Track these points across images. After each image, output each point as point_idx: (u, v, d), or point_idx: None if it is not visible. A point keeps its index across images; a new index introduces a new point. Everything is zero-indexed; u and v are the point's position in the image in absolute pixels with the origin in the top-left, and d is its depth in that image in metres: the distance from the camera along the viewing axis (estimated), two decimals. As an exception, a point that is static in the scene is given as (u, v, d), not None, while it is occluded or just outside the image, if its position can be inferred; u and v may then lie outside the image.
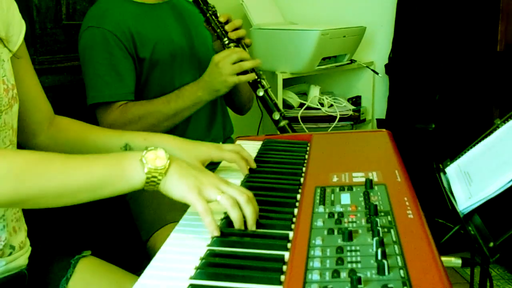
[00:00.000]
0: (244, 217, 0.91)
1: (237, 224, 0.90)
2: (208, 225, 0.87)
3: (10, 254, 1.06)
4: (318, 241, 0.81)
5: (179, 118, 1.62)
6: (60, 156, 0.92)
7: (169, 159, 0.92)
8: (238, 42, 1.63)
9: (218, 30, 1.63)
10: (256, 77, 1.62)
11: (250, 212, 0.91)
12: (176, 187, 0.91)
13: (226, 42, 1.62)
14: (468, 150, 1.28)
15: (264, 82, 1.63)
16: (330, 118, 2.51)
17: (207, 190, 0.91)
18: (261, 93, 1.62)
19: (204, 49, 1.76)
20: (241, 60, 1.58)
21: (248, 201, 0.92)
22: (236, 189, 0.94)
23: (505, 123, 1.24)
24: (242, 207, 0.91)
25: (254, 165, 1.21)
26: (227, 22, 1.63)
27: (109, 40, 1.59)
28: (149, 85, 1.68)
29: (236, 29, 1.63)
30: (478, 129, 1.34)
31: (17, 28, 1.12)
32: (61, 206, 0.93)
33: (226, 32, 1.62)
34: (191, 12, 1.76)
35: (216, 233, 0.87)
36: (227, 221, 0.93)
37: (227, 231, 0.90)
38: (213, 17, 1.63)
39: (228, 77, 1.56)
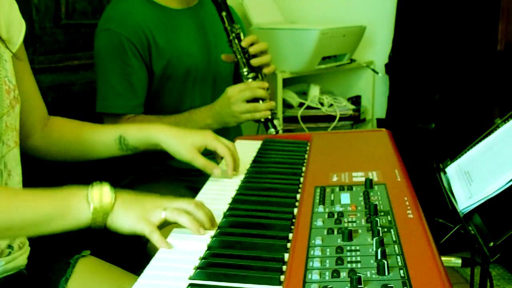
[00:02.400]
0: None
1: (193, 228, 0.90)
2: (157, 243, 0.88)
3: (9, 254, 1.06)
4: (318, 241, 0.81)
5: None
6: (6, 190, 0.94)
7: (115, 194, 0.93)
8: (258, 71, 1.58)
9: (239, 56, 1.58)
10: (270, 117, 1.57)
11: (201, 215, 0.92)
12: (123, 221, 0.92)
13: (245, 73, 1.58)
14: (468, 149, 1.28)
15: (276, 123, 1.59)
16: (330, 118, 2.51)
17: (151, 214, 0.92)
18: (272, 133, 1.58)
19: (221, 65, 1.71)
20: (255, 98, 1.54)
21: (197, 207, 0.93)
22: (182, 201, 0.95)
23: (505, 122, 1.24)
24: (193, 214, 0.92)
25: (237, 172, 1.20)
26: (250, 46, 1.58)
27: (125, 47, 1.55)
28: (158, 98, 1.64)
29: (259, 53, 1.58)
30: (478, 129, 1.34)
31: (17, 28, 1.11)
32: (10, 238, 0.96)
33: (247, 60, 1.57)
34: (215, 20, 1.64)
35: (165, 246, 0.87)
36: (227, 221, 0.93)
37: (226, 231, 0.90)
38: (236, 40, 1.58)
39: (239, 115, 1.53)
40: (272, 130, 1.58)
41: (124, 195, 0.94)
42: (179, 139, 1.19)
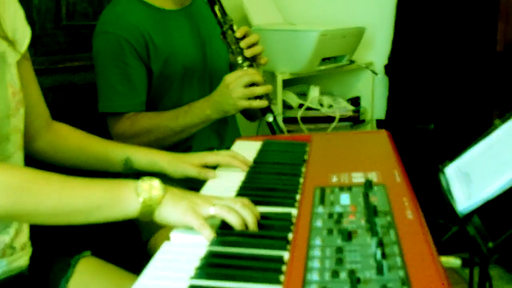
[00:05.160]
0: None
1: (239, 228, 0.91)
2: (206, 236, 0.89)
3: (11, 254, 1.06)
4: (318, 242, 0.81)
5: (186, 134, 1.61)
6: (58, 176, 0.93)
7: (164, 189, 0.94)
8: (253, 60, 1.59)
9: (233, 47, 1.58)
10: (267, 104, 1.58)
11: (248, 214, 0.92)
12: (172, 214, 0.93)
13: (240, 61, 1.58)
14: (468, 150, 1.29)
15: (274, 108, 1.59)
16: (329, 119, 2.51)
17: (201, 207, 0.93)
18: (270, 118, 1.58)
19: (217, 62, 1.73)
20: (253, 83, 1.55)
21: (244, 206, 0.93)
22: (229, 199, 0.96)
23: (504, 123, 1.24)
24: (240, 212, 0.92)
25: (247, 167, 1.23)
26: (243, 37, 1.59)
27: (124, 48, 1.56)
28: (158, 98, 1.65)
29: (252, 45, 1.59)
30: (477, 129, 1.34)
31: (22, 35, 1.13)
32: (56, 224, 0.95)
33: (241, 50, 1.58)
34: (208, 19, 1.67)
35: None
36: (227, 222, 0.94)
37: (226, 231, 0.91)
38: (230, 31, 1.58)
39: (238, 100, 1.53)
40: (270, 116, 1.58)
41: (173, 190, 0.96)
42: (176, 161, 1.25)
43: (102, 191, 0.93)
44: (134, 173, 1.28)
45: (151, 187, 0.93)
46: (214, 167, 1.27)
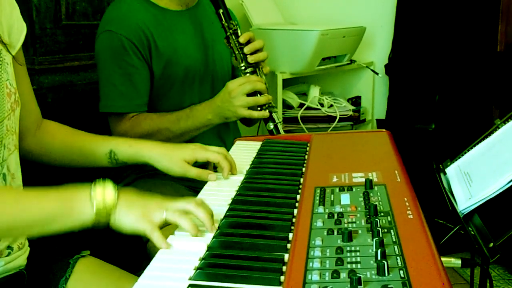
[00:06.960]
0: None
1: (192, 231, 0.91)
2: (157, 242, 0.88)
3: (9, 254, 1.06)
4: (318, 242, 0.81)
5: (188, 137, 1.61)
6: (11, 191, 0.94)
7: (117, 193, 0.93)
8: (256, 66, 1.59)
9: (237, 52, 1.59)
10: (268, 115, 1.58)
11: (203, 214, 0.92)
12: (125, 220, 0.92)
13: (243, 68, 1.58)
14: (468, 150, 1.28)
15: (275, 116, 1.59)
16: (330, 119, 2.51)
17: (153, 214, 0.93)
18: (271, 126, 1.59)
19: (219, 64, 1.72)
20: (255, 91, 1.55)
21: (197, 206, 0.93)
22: (182, 200, 0.95)
23: (505, 123, 1.24)
24: (194, 213, 0.93)
25: (236, 172, 1.22)
26: (248, 43, 1.59)
27: (126, 48, 1.55)
28: (159, 99, 1.65)
29: (256, 51, 1.59)
30: (478, 129, 1.34)
31: (18, 31, 1.12)
32: (12, 238, 0.97)
33: (245, 56, 1.58)
34: (213, 21, 1.66)
35: (165, 246, 0.88)
36: (227, 222, 0.93)
37: (226, 231, 0.90)
38: (233, 36, 1.59)
39: (240, 109, 1.54)
40: (271, 125, 1.59)
41: (127, 194, 0.95)
42: (169, 157, 1.21)
43: (56, 201, 0.92)
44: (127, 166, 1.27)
45: (104, 194, 0.92)
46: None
